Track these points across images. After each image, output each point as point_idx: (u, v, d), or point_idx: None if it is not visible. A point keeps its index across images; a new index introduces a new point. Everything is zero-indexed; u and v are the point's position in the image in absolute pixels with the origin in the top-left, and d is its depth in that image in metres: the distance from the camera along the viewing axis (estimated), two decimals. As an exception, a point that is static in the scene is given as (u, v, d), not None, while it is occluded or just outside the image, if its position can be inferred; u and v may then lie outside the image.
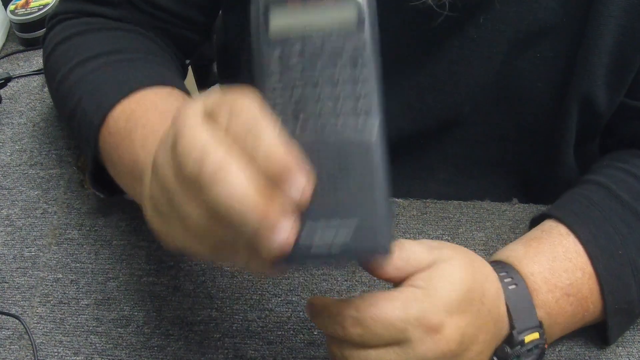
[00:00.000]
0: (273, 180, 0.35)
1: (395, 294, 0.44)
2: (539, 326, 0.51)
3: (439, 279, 0.45)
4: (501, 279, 0.51)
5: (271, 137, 0.35)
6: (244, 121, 0.36)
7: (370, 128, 0.39)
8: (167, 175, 0.38)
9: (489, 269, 0.50)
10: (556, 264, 0.54)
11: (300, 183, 0.36)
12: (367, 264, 0.45)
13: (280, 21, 0.40)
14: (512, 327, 0.50)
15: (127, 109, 0.57)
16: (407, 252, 0.46)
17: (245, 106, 0.36)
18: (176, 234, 0.40)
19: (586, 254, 0.55)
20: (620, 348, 0.57)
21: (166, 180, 0.38)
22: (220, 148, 0.35)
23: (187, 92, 0.62)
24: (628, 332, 0.58)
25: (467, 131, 0.68)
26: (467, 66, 0.63)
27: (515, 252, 0.55)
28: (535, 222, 0.62)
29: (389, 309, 0.43)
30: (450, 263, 0.46)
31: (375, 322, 0.43)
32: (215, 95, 0.39)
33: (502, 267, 0.53)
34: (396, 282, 0.46)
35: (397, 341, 0.43)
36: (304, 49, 0.39)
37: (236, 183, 0.35)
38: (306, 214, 0.37)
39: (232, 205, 0.35)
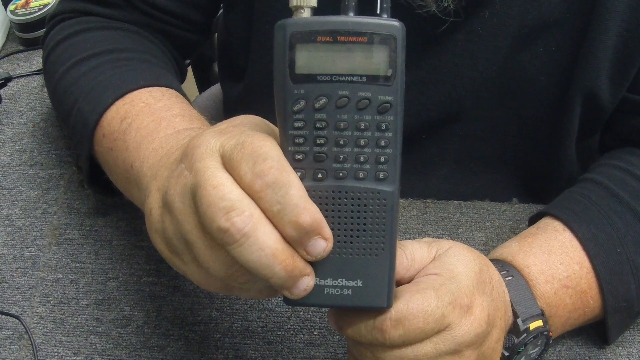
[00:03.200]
0: (299, 236, 0.37)
1: (422, 285, 0.43)
2: (542, 314, 0.51)
3: (452, 264, 0.45)
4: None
5: (298, 193, 0.36)
6: (269, 174, 0.36)
7: (391, 178, 0.39)
8: (187, 222, 0.38)
9: (486, 258, 0.50)
10: (552, 256, 0.54)
11: (324, 243, 0.37)
12: None
13: (308, 58, 0.37)
14: (515, 315, 0.50)
15: (121, 111, 0.57)
16: (411, 250, 0.46)
17: (268, 156, 0.36)
18: (188, 271, 0.41)
19: (583, 250, 0.55)
20: (620, 348, 0.57)
21: (186, 227, 0.38)
22: (249, 204, 0.36)
23: (182, 92, 0.62)
24: (628, 332, 0.58)
25: (469, 126, 0.68)
26: (471, 60, 0.63)
27: (509, 249, 0.55)
28: (532, 220, 0.62)
29: (424, 300, 0.42)
30: (454, 249, 0.46)
31: (416, 317, 0.41)
32: (231, 136, 0.38)
33: (496, 263, 0.53)
34: (405, 282, 0.46)
35: (437, 330, 0.42)
36: (331, 93, 0.37)
37: (266, 241, 0.36)
38: (318, 264, 0.39)
39: (262, 263, 0.36)
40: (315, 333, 0.57)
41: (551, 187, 0.73)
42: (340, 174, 0.38)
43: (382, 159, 0.38)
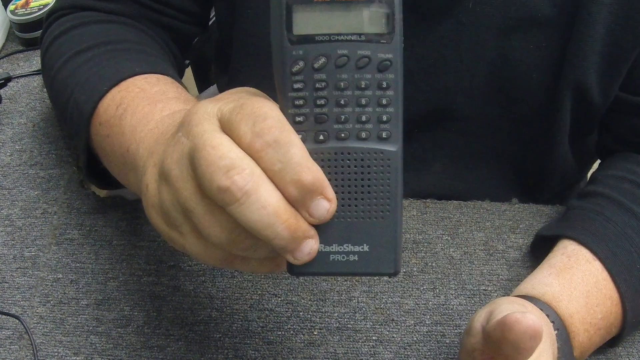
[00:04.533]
0: (301, 196, 0.36)
1: None
2: None
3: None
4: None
5: (299, 152, 0.35)
6: (269, 133, 0.35)
7: (394, 137, 0.38)
8: (185, 189, 0.37)
9: (546, 329, 0.48)
10: (590, 299, 0.54)
11: (327, 204, 0.36)
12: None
13: (305, 19, 0.37)
14: None
15: (116, 97, 0.56)
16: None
17: (268, 116, 0.35)
18: (187, 243, 0.40)
19: (612, 281, 0.54)
20: (620, 348, 0.57)
21: (184, 194, 0.37)
22: (249, 163, 0.35)
23: (178, 80, 0.62)
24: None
25: (461, 122, 0.68)
26: (456, 51, 0.63)
27: (551, 288, 0.54)
28: (543, 237, 0.61)
29: None
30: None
31: None
32: (229, 101, 0.38)
33: (539, 304, 0.52)
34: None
35: None
36: (330, 52, 0.37)
37: (268, 199, 0.35)
38: (322, 228, 0.38)
39: (264, 222, 0.35)
40: (315, 333, 0.57)
41: (545, 184, 0.73)
42: (342, 135, 0.37)
43: (384, 118, 0.37)
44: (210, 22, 0.81)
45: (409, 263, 0.62)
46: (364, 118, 0.37)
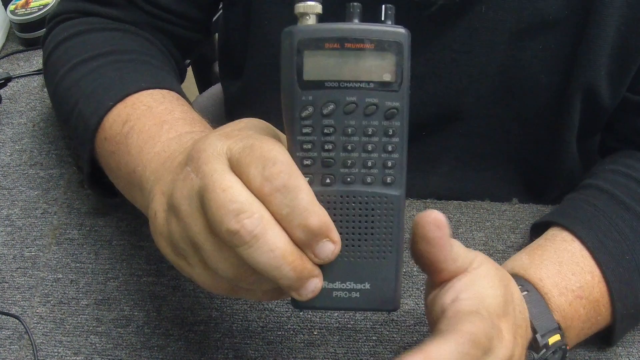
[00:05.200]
0: (308, 239, 0.37)
1: (465, 313, 0.41)
2: (558, 328, 0.51)
3: (482, 287, 0.44)
4: None
5: (307, 197, 0.36)
6: (278, 178, 0.36)
7: (398, 182, 0.39)
8: (195, 225, 0.38)
9: (509, 275, 0.49)
10: (563, 268, 0.54)
11: (332, 246, 0.38)
12: (426, 268, 0.44)
13: (316, 65, 0.38)
14: (534, 331, 0.49)
15: (122, 113, 0.57)
16: (457, 251, 0.44)
17: (277, 160, 0.36)
18: (195, 273, 0.41)
19: (593, 259, 0.54)
20: (620, 348, 0.57)
21: (194, 229, 0.38)
22: (259, 207, 0.36)
23: (182, 93, 0.62)
24: (628, 332, 0.58)
25: (470, 124, 0.68)
26: (468, 55, 0.63)
27: (520, 262, 0.55)
28: (536, 228, 0.62)
29: (476, 326, 0.40)
30: (483, 269, 0.45)
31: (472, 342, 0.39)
32: (238, 139, 0.38)
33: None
34: (443, 274, 0.44)
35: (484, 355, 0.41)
36: (339, 99, 0.38)
37: (276, 242, 0.36)
38: (326, 267, 0.39)
39: (271, 264, 0.36)
40: (315, 333, 0.57)
41: (552, 185, 0.73)
42: (348, 179, 0.39)
43: (389, 164, 0.39)
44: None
45: (409, 263, 0.62)
46: (369, 163, 0.39)
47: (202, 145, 0.39)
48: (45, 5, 0.89)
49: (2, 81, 0.80)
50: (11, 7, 0.89)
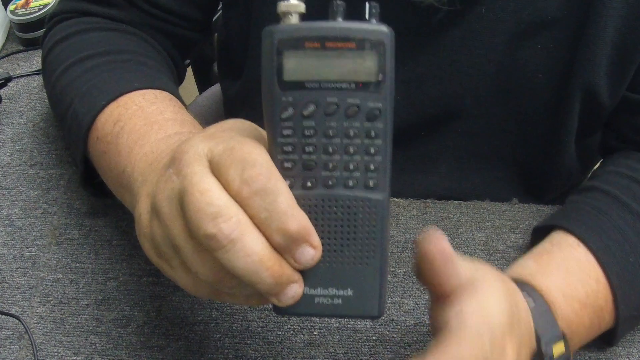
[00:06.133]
0: (287, 243, 0.36)
1: (464, 330, 0.41)
2: (563, 338, 0.50)
3: (487, 302, 0.43)
4: None
5: (285, 201, 0.36)
6: (256, 181, 0.36)
7: (381, 186, 0.38)
8: (174, 227, 0.38)
9: (514, 284, 0.49)
10: (570, 275, 0.53)
11: (312, 251, 0.37)
12: (429, 287, 0.43)
13: (296, 65, 0.37)
14: (539, 341, 0.48)
15: (114, 113, 0.57)
16: (458, 266, 0.43)
17: (257, 163, 0.36)
18: (177, 276, 0.41)
19: (598, 264, 0.54)
20: (620, 348, 0.57)
21: (173, 232, 0.38)
22: (236, 210, 0.36)
23: (177, 94, 0.62)
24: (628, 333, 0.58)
25: (469, 123, 0.68)
26: (468, 56, 0.63)
27: (528, 269, 0.54)
28: (538, 231, 0.61)
29: (472, 345, 0.40)
30: (488, 282, 0.44)
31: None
32: (220, 141, 0.38)
33: (516, 284, 0.51)
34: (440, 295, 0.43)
35: None
36: (320, 100, 0.37)
37: (253, 247, 0.36)
38: (308, 272, 0.38)
39: (248, 269, 0.36)
40: (315, 333, 0.57)
41: (551, 185, 0.73)
42: (330, 182, 0.38)
43: (372, 167, 0.38)
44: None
45: (409, 263, 0.62)
46: (351, 166, 0.38)
47: (184, 147, 0.39)
48: (45, 5, 0.89)
49: (2, 81, 0.80)
50: (11, 7, 0.89)
